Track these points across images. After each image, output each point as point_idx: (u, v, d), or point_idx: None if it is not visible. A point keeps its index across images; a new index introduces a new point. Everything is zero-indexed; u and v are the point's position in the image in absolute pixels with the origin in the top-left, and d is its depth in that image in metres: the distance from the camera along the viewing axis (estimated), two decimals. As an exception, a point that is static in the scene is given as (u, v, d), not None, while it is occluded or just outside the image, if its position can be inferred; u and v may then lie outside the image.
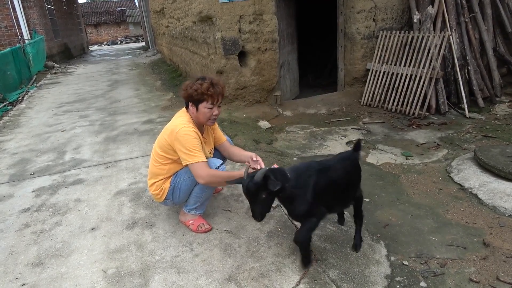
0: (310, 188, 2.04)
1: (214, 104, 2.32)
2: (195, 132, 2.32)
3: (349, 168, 2.25)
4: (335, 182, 2.15)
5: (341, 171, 2.19)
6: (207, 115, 2.33)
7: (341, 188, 2.19)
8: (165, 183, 2.49)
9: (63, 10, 17.88)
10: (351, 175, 2.26)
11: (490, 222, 2.64)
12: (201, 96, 2.28)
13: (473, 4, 5.23)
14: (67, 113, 6.29)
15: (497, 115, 4.78)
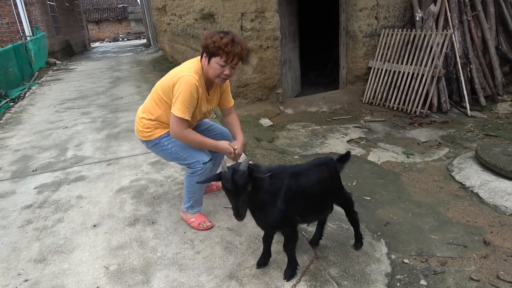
0: (282, 193, 1.90)
1: (228, 63, 2.15)
2: (195, 85, 2.18)
3: (324, 175, 2.08)
4: (309, 189, 2.00)
5: (315, 177, 2.02)
6: (216, 71, 2.18)
7: (315, 196, 2.03)
8: (156, 129, 2.42)
9: (65, 6, 17.86)
10: (327, 183, 2.08)
11: (491, 221, 2.64)
12: (217, 50, 2.11)
13: (476, 2, 5.22)
14: (69, 110, 6.30)
15: (499, 114, 4.77)
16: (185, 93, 2.15)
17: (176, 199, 2.99)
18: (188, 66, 2.26)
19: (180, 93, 2.15)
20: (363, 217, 2.77)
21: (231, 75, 2.23)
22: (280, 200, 1.89)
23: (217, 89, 2.44)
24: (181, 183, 3.23)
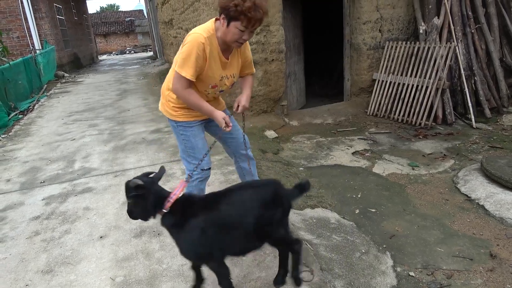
0: (193, 223, 1.74)
1: (248, 28, 2.02)
2: (202, 44, 2.05)
3: (261, 201, 1.80)
4: (231, 219, 1.77)
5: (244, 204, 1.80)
6: (235, 36, 2.04)
7: (240, 228, 1.77)
8: (180, 111, 2.32)
9: (74, 20, 18.21)
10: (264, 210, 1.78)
11: (497, 234, 2.63)
12: (238, 14, 1.97)
13: (479, 15, 5.26)
14: (77, 122, 6.38)
15: (504, 126, 4.76)
16: (188, 50, 2.05)
17: (181, 210, 3.01)
18: (200, 26, 2.15)
19: (184, 50, 2.06)
20: (369, 229, 2.77)
21: (248, 39, 2.11)
22: (191, 230, 1.73)
23: (237, 55, 2.28)
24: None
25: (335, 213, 2.99)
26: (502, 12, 5.41)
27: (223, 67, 2.22)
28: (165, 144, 4.74)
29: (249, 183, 2.00)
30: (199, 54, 2.05)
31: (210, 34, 2.09)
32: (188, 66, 2.05)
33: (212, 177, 3.59)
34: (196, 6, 6.25)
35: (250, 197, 1.83)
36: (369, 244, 2.55)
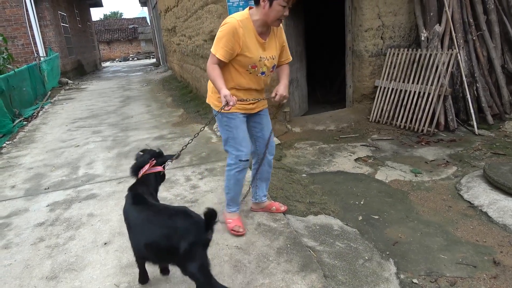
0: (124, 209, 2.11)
1: (288, 3, 2.23)
2: (234, 26, 2.26)
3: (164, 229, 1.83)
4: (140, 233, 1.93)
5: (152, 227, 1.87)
6: (278, 13, 2.24)
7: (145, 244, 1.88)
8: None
9: (78, 28, 18.38)
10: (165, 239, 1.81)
11: (500, 241, 2.63)
12: None
13: (480, 22, 5.29)
14: (81, 129, 6.43)
15: (506, 132, 4.77)
16: (221, 33, 2.28)
17: (185, 217, 3.02)
18: (236, 13, 2.40)
19: (218, 33, 2.30)
20: (372, 236, 2.78)
21: (287, 15, 2.29)
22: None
23: (274, 38, 2.46)
24: (190, 201, 3.28)
25: (338, 220, 3.00)
26: (503, 19, 5.43)
27: (262, 48, 2.40)
28: (169, 151, 4.76)
29: (166, 210, 1.98)
30: (230, 36, 2.26)
31: (244, 18, 2.31)
32: (220, 47, 2.28)
33: (215, 183, 3.61)
34: (199, 14, 6.32)
35: (157, 222, 1.89)
36: (372, 251, 2.55)
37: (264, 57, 2.41)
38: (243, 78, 2.46)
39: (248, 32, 2.31)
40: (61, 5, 14.99)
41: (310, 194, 3.46)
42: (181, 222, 1.82)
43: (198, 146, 4.85)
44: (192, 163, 4.27)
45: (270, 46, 2.45)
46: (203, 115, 6.61)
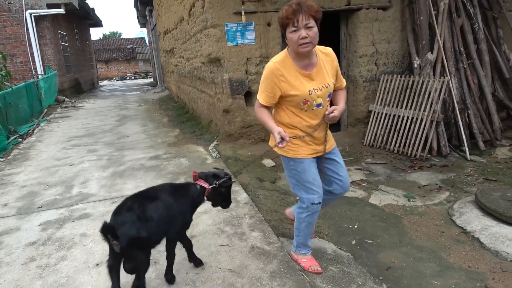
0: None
1: (296, 26, 2.10)
2: (271, 68, 2.25)
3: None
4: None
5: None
6: (294, 40, 2.13)
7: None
8: (291, 147, 2.43)
9: (77, 47, 18.59)
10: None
11: (492, 267, 2.64)
12: (282, 21, 2.15)
13: (471, 51, 5.46)
14: (76, 147, 6.43)
15: (498, 159, 4.84)
16: (262, 77, 2.32)
17: (179, 238, 3.01)
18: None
19: (261, 80, 2.35)
20: (365, 260, 2.78)
21: (310, 37, 2.12)
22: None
23: (323, 65, 2.32)
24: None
25: (331, 244, 3.00)
26: (493, 48, 5.61)
27: (309, 81, 2.28)
28: (163, 171, 4.77)
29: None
30: (269, 78, 2.26)
31: (282, 57, 2.29)
32: (261, 91, 2.34)
33: (210, 205, 3.60)
34: (198, 37, 6.45)
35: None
36: (365, 276, 2.55)
37: (315, 89, 2.28)
38: (299, 117, 2.36)
39: (288, 70, 2.24)
40: (62, 24, 15.21)
41: (304, 217, 3.46)
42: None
43: (193, 167, 4.86)
44: (187, 184, 4.27)
45: (320, 76, 2.30)
46: (199, 136, 6.64)
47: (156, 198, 2.22)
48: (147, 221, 2.10)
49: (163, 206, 2.20)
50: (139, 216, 2.09)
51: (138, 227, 2.06)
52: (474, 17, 5.49)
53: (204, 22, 5.60)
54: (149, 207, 2.15)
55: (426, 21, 5.39)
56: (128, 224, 2.04)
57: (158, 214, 2.15)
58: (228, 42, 5.29)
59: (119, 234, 1.97)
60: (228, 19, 5.24)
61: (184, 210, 2.33)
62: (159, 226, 2.15)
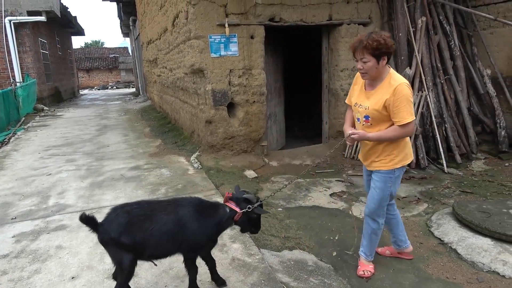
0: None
1: (356, 58, 2.45)
2: (356, 77, 2.68)
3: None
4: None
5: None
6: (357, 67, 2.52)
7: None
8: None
9: (57, 55, 18.31)
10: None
11: (469, 278, 2.69)
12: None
13: (448, 67, 5.64)
14: (54, 157, 6.28)
15: (473, 171, 4.98)
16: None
17: (158, 250, 2.95)
18: None
19: None
20: (346, 272, 2.79)
21: (365, 69, 2.43)
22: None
23: (382, 92, 2.45)
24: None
25: (312, 255, 3.01)
26: (468, 65, 5.81)
27: (364, 97, 2.57)
28: (144, 182, 4.70)
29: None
30: (352, 85, 2.72)
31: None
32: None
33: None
34: (181, 48, 6.46)
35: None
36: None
37: (359, 104, 2.59)
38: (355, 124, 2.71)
39: (359, 81, 2.64)
40: (42, 32, 14.98)
41: (285, 229, 3.47)
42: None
43: (175, 178, 4.81)
44: (168, 194, 4.22)
45: (370, 98, 2.52)
46: (180, 146, 6.59)
47: (171, 212, 2.15)
48: (140, 231, 2.04)
49: (174, 222, 2.12)
50: (131, 221, 2.04)
51: (122, 231, 2.01)
52: (450, 35, 5.69)
53: (188, 33, 5.62)
54: (156, 219, 2.09)
55: (404, 37, 5.55)
56: (113, 224, 2.03)
57: (163, 229, 2.08)
58: (211, 54, 5.31)
59: (101, 229, 2.01)
60: (211, 31, 5.27)
61: (206, 232, 2.22)
62: (161, 241, 2.10)
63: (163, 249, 2.16)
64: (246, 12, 5.33)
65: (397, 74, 2.49)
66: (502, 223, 3.13)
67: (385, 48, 2.36)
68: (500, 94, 5.59)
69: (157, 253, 2.17)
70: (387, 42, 2.36)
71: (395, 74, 2.48)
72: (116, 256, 2.09)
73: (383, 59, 2.39)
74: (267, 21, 5.44)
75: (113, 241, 2.02)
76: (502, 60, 5.62)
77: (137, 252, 2.08)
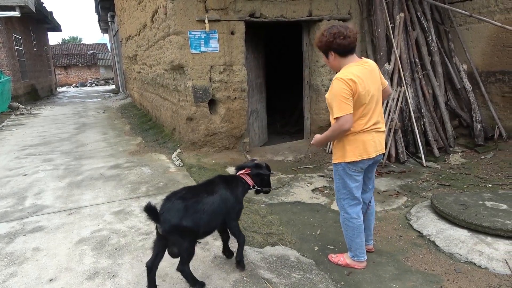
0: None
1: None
2: None
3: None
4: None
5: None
6: None
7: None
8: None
9: (33, 51, 17.80)
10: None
11: (447, 269, 2.75)
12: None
13: (426, 62, 5.74)
14: (30, 157, 6.11)
15: (451, 165, 5.09)
16: None
17: (139, 250, 2.92)
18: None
19: None
20: (327, 266, 2.81)
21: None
22: None
23: None
24: (145, 234, 3.18)
25: (294, 251, 3.02)
26: (445, 60, 5.93)
27: None
28: (124, 180, 4.63)
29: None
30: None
31: None
32: None
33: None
34: (160, 44, 6.36)
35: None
36: (327, 282, 2.58)
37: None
38: None
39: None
40: (17, 28, 14.53)
41: (267, 225, 3.47)
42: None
43: (156, 176, 4.75)
44: (149, 193, 4.16)
45: None
46: (162, 144, 6.52)
47: (212, 192, 2.43)
48: (196, 212, 2.26)
49: (218, 199, 2.41)
50: (187, 206, 2.24)
51: (182, 216, 2.20)
52: (428, 31, 5.79)
53: (167, 29, 5.53)
54: (205, 200, 2.34)
55: (383, 33, 5.62)
56: (172, 212, 2.20)
57: (212, 207, 2.35)
58: (191, 50, 5.25)
59: (162, 219, 2.15)
60: (191, 27, 5.20)
61: (239, 199, 2.61)
62: (212, 218, 2.36)
63: (214, 224, 2.43)
64: (226, 7, 5.29)
65: (346, 67, 2.43)
66: (478, 214, 3.21)
67: (324, 45, 2.46)
68: (476, 89, 5.73)
69: (208, 229, 2.42)
70: (322, 40, 2.44)
71: (344, 68, 2.43)
72: (178, 241, 2.24)
73: (330, 54, 2.47)
74: (247, 16, 5.42)
75: (175, 227, 2.17)
76: (477, 55, 5.75)
77: (196, 233, 2.30)
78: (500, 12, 5.32)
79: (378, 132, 2.57)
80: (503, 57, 5.39)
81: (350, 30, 2.42)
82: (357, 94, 2.36)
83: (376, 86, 2.51)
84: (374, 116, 2.51)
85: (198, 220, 2.25)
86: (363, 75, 2.40)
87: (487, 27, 5.47)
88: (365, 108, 2.44)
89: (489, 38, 5.53)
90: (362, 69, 2.43)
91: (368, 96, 2.42)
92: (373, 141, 2.53)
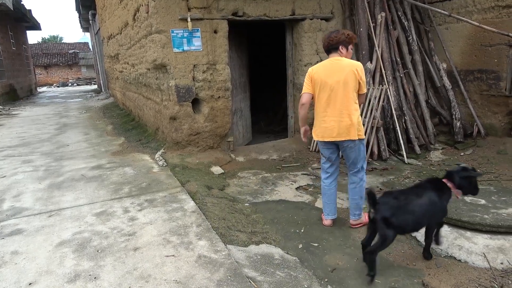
0: None
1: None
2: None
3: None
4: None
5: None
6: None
7: None
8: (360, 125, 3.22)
9: (11, 50, 17.37)
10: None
11: (428, 263, 2.81)
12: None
13: (406, 61, 5.83)
14: (9, 158, 5.95)
15: (432, 161, 5.19)
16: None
17: (121, 251, 2.88)
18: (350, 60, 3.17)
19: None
20: (311, 263, 2.83)
21: None
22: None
23: None
24: (127, 234, 3.14)
25: (279, 249, 3.03)
26: (425, 59, 6.04)
27: None
28: (106, 181, 4.56)
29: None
30: None
31: None
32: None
33: (155, 215, 3.50)
34: (143, 43, 6.29)
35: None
36: (311, 279, 2.60)
37: None
38: None
39: None
40: (-7, 26, 14.15)
41: (252, 224, 3.47)
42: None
43: (139, 176, 4.70)
44: (132, 194, 4.11)
45: None
46: (145, 144, 6.44)
47: (421, 195, 2.63)
48: (405, 213, 2.54)
49: (427, 203, 2.61)
50: (399, 206, 2.55)
51: (393, 213, 2.51)
52: (408, 30, 5.88)
53: (149, 27, 5.47)
54: (414, 203, 2.59)
55: (365, 32, 5.68)
56: (387, 206, 2.54)
57: (421, 210, 2.58)
58: (174, 48, 5.21)
59: (377, 208, 2.53)
60: (173, 25, 5.16)
61: (445, 206, 2.73)
62: (418, 219, 2.60)
63: (419, 226, 2.69)
64: (209, 6, 5.26)
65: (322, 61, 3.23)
66: (457, 210, 3.28)
67: (325, 44, 3.23)
68: (455, 87, 5.85)
69: (414, 229, 2.75)
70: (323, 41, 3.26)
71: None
72: (383, 230, 2.54)
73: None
74: (230, 15, 5.40)
75: (384, 220, 2.51)
76: (456, 54, 5.88)
77: (400, 230, 2.61)
78: (478, 12, 5.45)
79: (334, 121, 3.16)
80: (481, 56, 5.52)
81: (333, 36, 3.15)
82: (313, 80, 3.19)
83: (336, 79, 3.06)
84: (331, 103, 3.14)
85: (404, 220, 2.55)
86: (324, 68, 3.13)
87: (466, 27, 5.60)
88: (320, 92, 3.16)
89: (468, 37, 5.66)
90: (328, 64, 3.14)
91: (322, 84, 3.11)
92: (325, 127, 3.19)
